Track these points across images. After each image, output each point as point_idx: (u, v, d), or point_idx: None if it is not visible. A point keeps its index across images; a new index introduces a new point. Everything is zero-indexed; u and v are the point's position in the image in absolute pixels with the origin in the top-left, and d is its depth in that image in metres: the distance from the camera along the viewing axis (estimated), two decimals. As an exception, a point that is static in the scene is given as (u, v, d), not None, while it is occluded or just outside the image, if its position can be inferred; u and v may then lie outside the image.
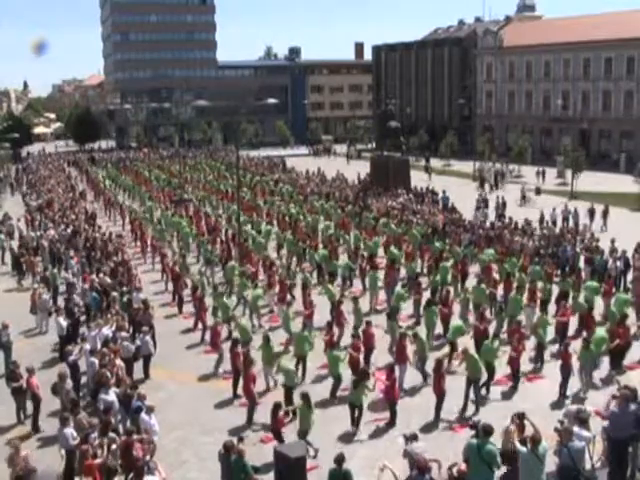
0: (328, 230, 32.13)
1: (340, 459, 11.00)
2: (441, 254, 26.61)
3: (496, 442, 10.96)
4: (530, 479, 10.75)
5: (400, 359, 16.61)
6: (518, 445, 10.78)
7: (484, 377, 15.84)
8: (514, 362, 16.44)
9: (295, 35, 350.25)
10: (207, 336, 19.53)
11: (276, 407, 13.34)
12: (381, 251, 29.07)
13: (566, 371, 15.79)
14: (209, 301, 21.58)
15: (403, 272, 25.68)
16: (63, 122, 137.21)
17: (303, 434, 13.36)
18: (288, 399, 14.97)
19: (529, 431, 11.30)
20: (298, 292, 22.70)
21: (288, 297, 22.06)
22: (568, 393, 15.76)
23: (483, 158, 60.53)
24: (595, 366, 16.43)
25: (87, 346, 16.89)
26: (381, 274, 24.50)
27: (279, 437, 13.38)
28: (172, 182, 51.25)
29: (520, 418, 11.76)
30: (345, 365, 16.40)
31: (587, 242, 27.62)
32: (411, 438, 11.82)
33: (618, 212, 39.14)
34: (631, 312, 20.38)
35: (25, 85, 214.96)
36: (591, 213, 35.64)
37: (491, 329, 19.09)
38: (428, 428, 14.69)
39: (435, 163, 65.58)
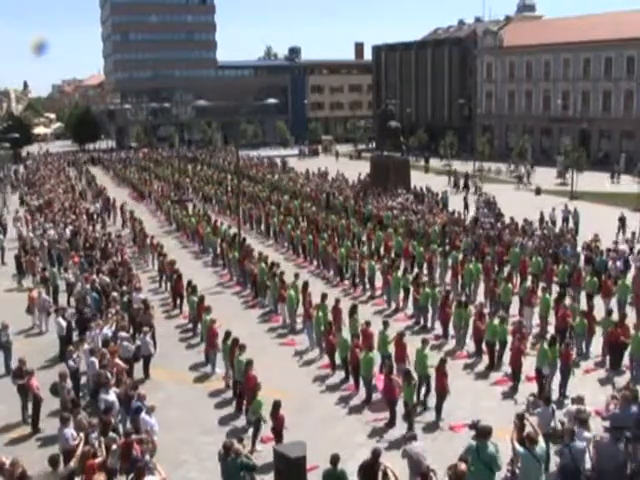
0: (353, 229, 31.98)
1: (335, 460, 10.98)
2: (445, 254, 26.66)
3: (497, 442, 10.96)
4: (529, 478, 10.77)
5: (399, 358, 16.64)
6: (517, 445, 10.79)
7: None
8: (514, 362, 16.45)
9: (295, 35, 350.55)
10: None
11: (276, 406, 13.34)
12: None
13: (566, 371, 15.81)
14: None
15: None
16: (63, 122, 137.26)
17: None
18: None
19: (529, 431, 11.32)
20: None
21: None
22: (567, 393, 15.76)
23: (483, 158, 60.59)
24: None
25: (87, 346, 16.88)
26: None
27: (279, 436, 13.38)
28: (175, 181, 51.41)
29: (520, 419, 11.75)
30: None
31: (587, 241, 27.53)
32: (410, 438, 11.83)
33: (618, 212, 39.15)
34: (631, 312, 20.44)
35: (25, 85, 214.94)
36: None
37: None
38: (428, 428, 14.69)
39: (435, 163, 65.64)
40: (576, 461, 11.08)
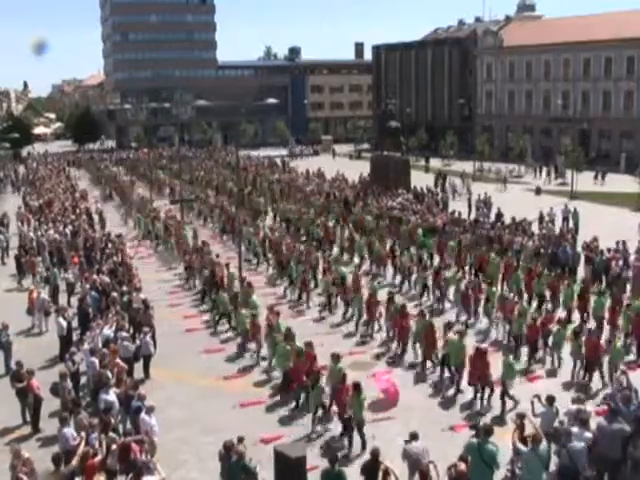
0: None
1: (333, 459, 10.98)
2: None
3: (497, 441, 10.96)
4: (531, 477, 10.79)
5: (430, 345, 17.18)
6: (519, 444, 10.80)
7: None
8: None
9: (295, 35, 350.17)
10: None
11: (357, 386, 13.74)
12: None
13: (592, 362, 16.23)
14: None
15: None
16: (63, 122, 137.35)
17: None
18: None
19: (529, 431, 11.33)
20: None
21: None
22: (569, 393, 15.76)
23: (483, 158, 60.59)
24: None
25: (87, 346, 16.88)
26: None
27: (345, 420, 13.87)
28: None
29: (521, 418, 11.76)
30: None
31: (587, 241, 27.49)
32: (411, 438, 11.81)
33: (618, 212, 39.21)
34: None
35: (25, 85, 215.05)
36: None
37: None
38: (428, 428, 14.66)
39: (435, 163, 65.60)
40: (575, 462, 11.08)
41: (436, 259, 27.10)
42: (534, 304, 21.58)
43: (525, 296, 22.19)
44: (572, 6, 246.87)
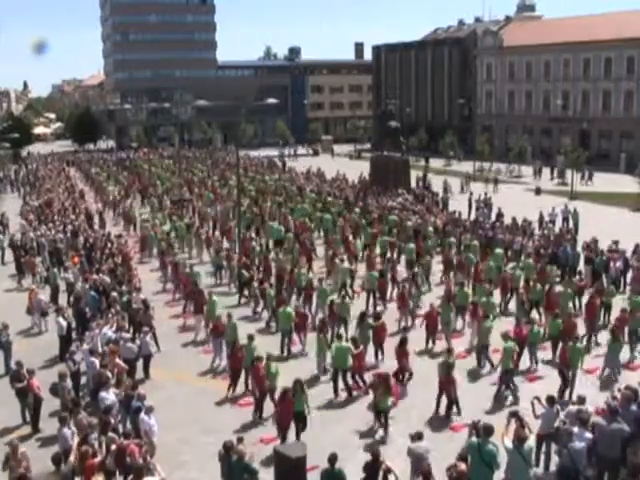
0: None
1: (333, 459, 10.96)
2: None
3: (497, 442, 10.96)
4: (515, 476, 10.84)
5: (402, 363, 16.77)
6: (507, 442, 10.80)
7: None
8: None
9: (295, 35, 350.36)
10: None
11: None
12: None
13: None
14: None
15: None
16: (63, 122, 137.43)
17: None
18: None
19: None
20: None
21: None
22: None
23: (483, 158, 60.58)
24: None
25: (87, 346, 16.87)
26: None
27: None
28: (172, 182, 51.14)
29: (517, 417, 11.71)
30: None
31: (587, 241, 27.47)
32: (416, 437, 11.78)
33: (618, 212, 39.21)
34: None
35: (25, 85, 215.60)
36: None
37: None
38: (428, 428, 14.65)
39: (435, 163, 65.61)
40: (575, 462, 11.08)
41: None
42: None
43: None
44: (572, 6, 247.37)
